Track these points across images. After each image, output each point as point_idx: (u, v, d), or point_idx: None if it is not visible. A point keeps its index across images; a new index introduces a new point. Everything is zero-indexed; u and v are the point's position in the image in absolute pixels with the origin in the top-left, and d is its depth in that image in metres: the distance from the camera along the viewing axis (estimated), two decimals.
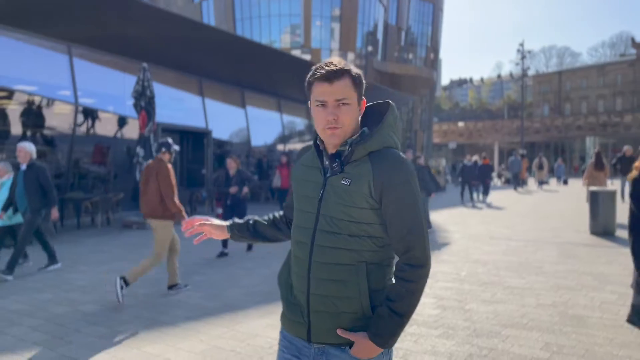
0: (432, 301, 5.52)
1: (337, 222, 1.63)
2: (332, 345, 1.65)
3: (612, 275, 6.54)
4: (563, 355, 3.94)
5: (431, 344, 4.24)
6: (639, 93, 61.29)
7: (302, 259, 1.69)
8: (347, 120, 1.65)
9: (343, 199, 1.63)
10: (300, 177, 1.78)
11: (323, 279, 1.64)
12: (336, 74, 1.63)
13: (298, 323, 1.70)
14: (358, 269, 1.63)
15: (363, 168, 1.63)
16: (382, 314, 1.60)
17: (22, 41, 12.06)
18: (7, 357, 4.07)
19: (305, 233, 1.70)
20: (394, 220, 1.62)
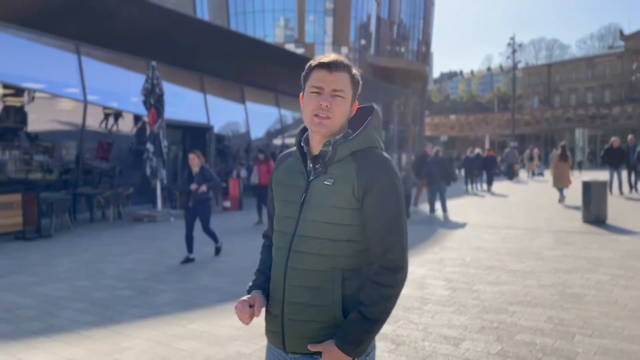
0: (442, 283, 6.01)
1: (318, 225, 1.59)
2: (305, 355, 1.61)
3: (605, 259, 7.08)
4: (564, 327, 4.45)
5: (447, 319, 4.73)
6: (627, 85, 62.18)
7: (279, 266, 1.65)
8: (338, 112, 1.61)
9: (325, 200, 1.59)
10: (281, 181, 1.72)
11: (297, 286, 1.60)
12: (338, 64, 1.62)
13: (274, 333, 1.67)
14: (333, 275, 1.58)
15: (347, 167, 1.60)
16: (352, 318, 1.56)
17: (32, 40, 12.36)
18: (66, 334, 4.51)
19: (284, 239, 1.65)
20: (375, 220, 1.58)
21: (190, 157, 7.62)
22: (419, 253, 7.83)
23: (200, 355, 3.98)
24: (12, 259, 7.94)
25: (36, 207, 9.62)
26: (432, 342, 4.17)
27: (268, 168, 11.59)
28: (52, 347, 4.24)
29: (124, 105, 14.77)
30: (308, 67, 1.67)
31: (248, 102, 20.52)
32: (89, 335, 4.49)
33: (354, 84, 1.65)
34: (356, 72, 1.68)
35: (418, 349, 4.05)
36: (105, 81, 14.15)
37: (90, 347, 4.20)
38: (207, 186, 7.40)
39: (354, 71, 1.66)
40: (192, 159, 7.58)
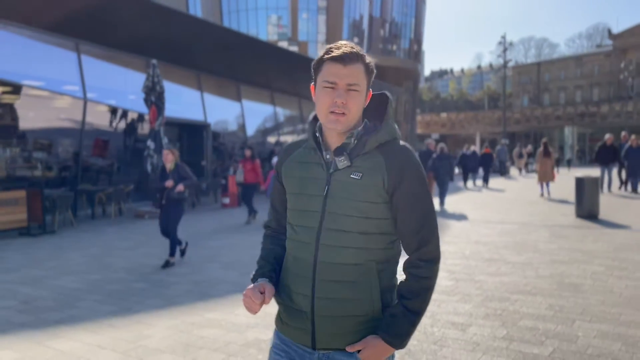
0: (445, 275, 6.25)
1: (347, 219, 1.56)
2: (338, 351, 1.59)
3: (599, 252, 7.35)
4: (564, 313, 4.69)
5: (452, 307, 4.96)
6: (615, 84, 62.96)
7: (304, 260, 1.60)
8: (354, 107, 1.57)
9: (353, 194, 1.56)
10: (294, 174, 1.67)
11: (330, 281, 1.56)
12: (351, 56, 1.55)
13: (300, 330, 1.62)
14: (369, 268, 1.57)
15: (375, 161, 1.57)
16: (396, 313, 1.55)
17: (32, 38, 12.44)
18: (87, 323, 4.68)
19: (308, 233, 1.60)
20: (408, 214, 1.57)
21: (164, 153, 7.14)
22: None
23: (221, 342, 4.17)
24: (21, 254, 8.07)
25: (41, 204, 9.73)
26: (440, 328, 4.39)
27: (253, 166, 11.25)
28: (75, 335, 4.41)
29: (122, 103, 14.86)
30: (319, 59, 1.61)
31: (244, 100, 20.66)
32: (110, 324, 4.67)
33: (368, 74, 1.60)
34: (370, 61, 1.61)
35: (428, 334, 4.27)
36: (104, 79, 14.24)
37: (114, 335, 4.38)
38: (184, 185, 6.89)
39: (367, 60, 1.60)
40: (166, 155, 7.08)
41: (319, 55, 1.62)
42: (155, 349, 4.04)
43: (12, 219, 9.44)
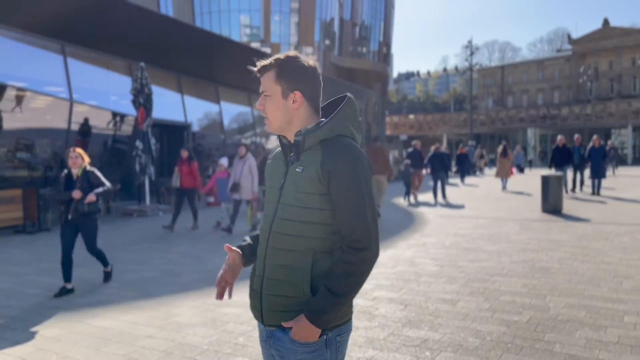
0: (430, 262, 6.93)
1: (291, 208, 1.71)
2: (278, 329, 1.75)
3: (564, 241, 8.18)
4: (537, 290, 5.42)
5: (441, 287, 5.64)
6: (575, 87, 65.51)
7: (261, 245, 1.80)
8: (270, 110, 1.75)
9: (296, 186, 1.71)
10: (269, 169, 1.88)
11: (274, 264, 1.73)
12: (263, 68, 1.76)
13: (255, 308, 1.80)
14: (305, 255, 1.69)
15: (314, 155, 1.71)
16: (320, 292, 1.68)
17: (17, 40, 12.62)
18: (116, 305, 5.16)
19: (266, 221, 1.80)
20: (340, 203, 1.68)
21: (70, 156, 5.83)
22: (403, 239, 8.76)
23: (245, 317, 4.73)
24: (25, 250, 8.39)
25: (36, 202, 10.01)
26: (433, 303, 5.06)
27: (191, 169, 10.34)
28: (109, 314, 4.90)
29: (107, 104, 15.12)
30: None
31: (222, 101, 21.06)
32: (137, 306, 5.16)
33: (281, 77, 1.73)
34: (284, 63, 1.74)
35: (423, 307, 4.92)
36: (89, 80, 14.48)
37: (144, 314, 4.88)
38: (96, 194, 5.73)
39: (280, 64, 1.74)
40: (74, 159, 5.79)
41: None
42: (188, 324, 4.57)
43: (8, 217, 9.70)
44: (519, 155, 31.59)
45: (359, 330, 4.34)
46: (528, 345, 3.92)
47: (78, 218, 5.79)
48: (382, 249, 7.91)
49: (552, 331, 4.21)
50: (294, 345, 1.71)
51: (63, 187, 5.86)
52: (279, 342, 1.74)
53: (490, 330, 4.27)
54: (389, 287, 5.69)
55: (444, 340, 4.06)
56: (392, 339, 4.13)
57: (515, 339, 4.05)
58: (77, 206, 5.73)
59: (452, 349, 3.89)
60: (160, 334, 4.33)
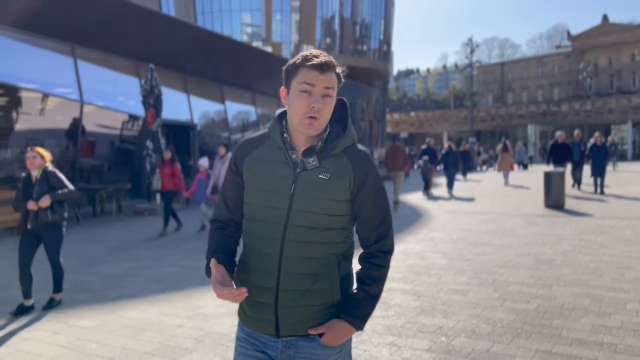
0: (439, 255, 7.19)
1: (315, 216, 1.65)
2: (301, 337, 1.69)
3: (567, 235, 8.44)
4: (543, 281, 5.68)
5: (451, 279, 5.90)
6: (574, 83, 65.69)
7: (270, 255, 1.67)
8: (326, 113, 1.66)
9: (322, 193, 1.65)
10: (260, 171, 1.71)
11: (295, 274, 1.65)
12: (328, 65, 1.64)
13: (264, 321, 1.70)
14: (329, 261, 1.68)
15: (341, 163, 1.68)
16: (359, 297, 1.70)
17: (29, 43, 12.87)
18: (142, 298, 5.42)
19: (274, 229, 1.67)
20: (370, 211, 1.71)
21: (28, 156, 5.17)
22: (412, 234, 9.02)
23: None
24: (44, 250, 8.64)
25: None
26: (445, 294, 5.32)
27: (173, 170, 9.77)
28: (138, 306, 5.16)
29: (116, 105, 15.38)
30: (294, 64, 1.67)
31: (227, 101, 21.31)
32: (162, 299, 5.42)
33: (339, 82, 1.70)
34: (340, 70, 1.70)
35: (436, 297, 5.19)
36: (99, 81, 14.73)
37: (171, 306, 5.14)
38: (51, 197, 4.93)
39: (338, 69, 1.69)
40: (31, 158, 5.12)
41: (294, 60, 1.68)
42: (214, 315, 4.83)
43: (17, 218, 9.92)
44: (521, 151, 31.24)
45: (377, 318, 4.60)
46: (537, 331, 4.18)
47: (40, 227, 5.08)
48: None
49: (559, 318, 4.47)
50: (326, 350, 1.70)
51: (21, 192, 5.10)
52: (306, 349, 1.70)
53: (500, 317, 4.53)
54: (402, 280, 5.94)
55: (458, 327, 4.32)
56: (409, 326, 4.39)
57: (525, 325, 4.31)
58: (39, 214, 5.01)
59: (465, 334, 4.15)
60: (189, 324, 4.59)
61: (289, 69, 1.68)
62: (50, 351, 4.05)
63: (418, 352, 3.84)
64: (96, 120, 14.63)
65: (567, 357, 3.66)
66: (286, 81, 1.69)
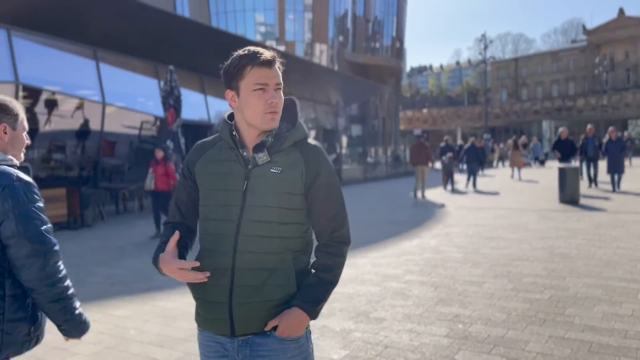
0: (454, 249, 7.40)
1: (267, 210, 1.65)
2: (256, 335, 1.67)
3: (581, 229, 8.59)
4: (557, 273, 5.87)
5: (467, 272, 6.11)
6: (590, 78, 65.11)
7: (223, 252, 1.66)
8: (281, 105, 1.69)
9: (274, 187, 1.65)
10: (208, 171, 1.73)
11: (249, 269, 1.64)
12: (274, 59, 1.65)
13: (218, 320, 1.68)
14: (285, 256, 1.67)
15: (292, 156, 1.69)
16: (311, 282, 1.68)
17: (53, 47, 13.28)
18: (173, 289, 5.71)
19: (227, 226, 1.67)
20: (324, 203, 1.71)
21: None
22: (427, 229, 9.23)
23: None
24: (74, 244, 9.02)
25: (78, 200, 10.64)
26: (461, 285, 5.54)
27: (166, 170, 9.57)
28: (169, 297, 5.45)
29: (135, 105, 15.76)
30: (239, 65, 1.64)
31: None
32: None
33: (281, 71, 1.70)
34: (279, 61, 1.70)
35: (452, 289, 5.41)
36: (119, 83, 15.12)
37: None
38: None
39: (278, 61, 1.70)
40: None
41: (237, 62, 1.65)
42: None
43: (54, 214, 10.31)
44: (537, 147, 30.71)
45: (397, 307, 4.83)
46: (550, 319, 4.38)
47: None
48: (409, 239, 8.41)
49: (571, 307, 4.67)
50: (283, 343, 1.67)
51: None
52: (262, 347, 1.67)
53: (515, 306, 4.74)
54: (419, 272, 6.17)
55: (474, 315, 4.54)
56: (427, 315, 4.62)
57: (539, 314, 4.51)
58: None
59: (482, 322, 4.37)
60: None
61: (232, 70, 1.65)
62: (92, 337, 4.35)
63: (436, 337, 4.07)
64: (117, 120, 15.02)
65: (579, 342, 3.87)
66: (231, 83, 1.67)
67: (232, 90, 1.68)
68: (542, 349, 3.76)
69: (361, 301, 5.10)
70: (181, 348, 4.06)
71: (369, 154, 30.10)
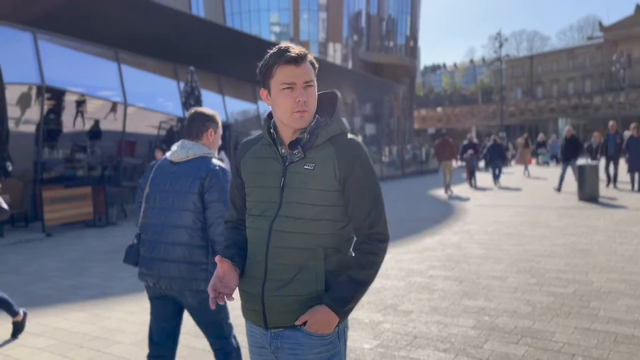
0: (476, 246, 7.49)
1: (299, 206, 1.66)
2: (287, 328, 1.69)
3: (602, 226, 8.62)
4: (579, 268, 5.95)
5: (490, 267, 6.21)
6: (607, 75, 64.41)
7: (259, 246, 1.71)
8: (312, 102, 1.68)
9: (306, 183, 1.67)
10: (254, 169, 1.77)
11: (280, 264, 1.67)
12: (302, 56, 1.65)
13: (254, 311, 1.72)
14: (316, 253, 1.67)
15: (326, 152, 1.68)
16: (341, 281, 1.67)
17: (76, 49, 13.58)
18: None
19: (265, 221, 1.70)
20: (359, 199, 1.69)
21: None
22: (447, 226, 9.33)
23: None
24: (101, 241, 9.26)
25: (104, 199, 10.90)
26: (485, 279, 5.64)
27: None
28: None
29: (155, 106, 16.03)
30: (268, 64, 1.68)
31: (259, 100, 21.85)
32: None
33: (315, 70, 1.71)
34: (311, 56, 1.71)
35: (476, 283, 5.52)
36: (140, 84, 15.40)
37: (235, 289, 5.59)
38: None
39: (311, 57, 1.71)
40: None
41: (266, 61, 1.68)
42: None
43: (80, 212, 10.59)
44: (556, 144, 29.28)
45: (422, 301, 4.96)
46: (575, 311, 4.48)
47: None
48: (430, 235, 8.51)
49: (595, 300, 4.76)
50: (310, 339, 1.68)
51: None
52: (290, 340, 1.70)
53: (539, 300, 4.84)
54: (442, 268, 6.28)
55: (499, 308, 4.65)
56: (453, 307, 4.74)
57: (563, 307, 4.61)
58: None
59: (507, 314, 4.48)
60: None
61: (263, 70, 1.69)
62: (131, 327, 4.54)
63: (464, 329, 4.19)
64: (138, 121, 15.28)
65: (605, 333, 3.96)
66: (264, 82, 1.71)
67: (265, 89, 1.72)
68: (569, 340, 3.86)
69: (387, 295, 5.23)
70: None
71: (384, 152, 30.16)
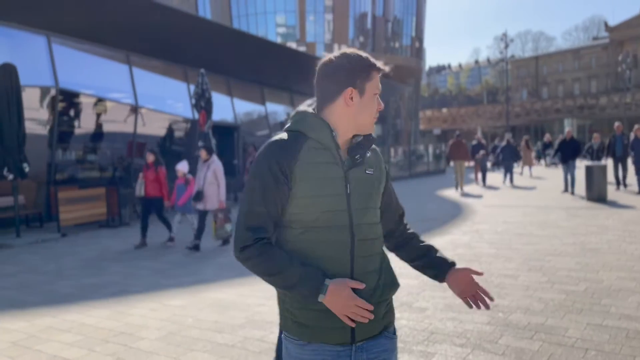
0: (486, 245, 7.60)
1: (371, 211, 1.69)
2: (371, 338, 1.65)
3: (611, 226, 8.71)
4: (590, 267, 6.05)
5: (501, 266, 6.32)
6: (613, 75, 64.27)
7: (341, 259, 1.62)
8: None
9: (371, 188, 1.70)
10: (316, 175, 1.62)
11: (366, 272, 1.64)
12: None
13: (336, 329, 1.61)
14: (384, 255, 1.74)
15: (375, 156, 1.75)
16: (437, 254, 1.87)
17: (88, 52, 13.77)
18: (220, 281, 6.03)
19: (340, 232, 1.61)
20: (393, 195, 1.86)
21: None
22: (457, 226, 9.44)
23: None
24: (116, 241, 9.42)
25: (117, 199, 11.07)
26: (497, 278, 5.75)
27: (157, 176, 8.74)
28: (217, 289, 5.77)
29: (165, 108, 16.21)
30: (368, 67, 1.66)
31: (268, 102, 22.01)
32: (239, 283, 6.01)
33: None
34: None
35: (488, 281, 5.63)
36: (150, 86, 15.58)
37: (248, 289, 5.72)
38: None
39: None
40: None
41: (364, 62, 1.65)
42: None
43: (94, 213, 10.77)
44: None
45: (437, 298, 5.08)
46: (587, 308, 4.59)
47: None
48: (440, 235, 8.63)
49: (607, 297, 4.86)
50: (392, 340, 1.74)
51: None
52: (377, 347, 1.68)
53: (552, 297, 4.95)
54: None
55: (513, 305, 4.77)
56: None
57: (575, 304, 4.72)
58: None
59: (521, 311, 4.60)
60: (269, 303, 5.16)
61: (358, 69, 1.63)
62: (154, 324, 4.68)
63: (479, 325, 4.31)
64: (149, 123, 15.46)
65: (617, 329, 4.07)
66: (355, 81, 1.63)
67: (355, 89, 1.64)
68: (582, 335, 3.97)
69: (401, 292, 5.34)
70: (240, 333, 4.37)
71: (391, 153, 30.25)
